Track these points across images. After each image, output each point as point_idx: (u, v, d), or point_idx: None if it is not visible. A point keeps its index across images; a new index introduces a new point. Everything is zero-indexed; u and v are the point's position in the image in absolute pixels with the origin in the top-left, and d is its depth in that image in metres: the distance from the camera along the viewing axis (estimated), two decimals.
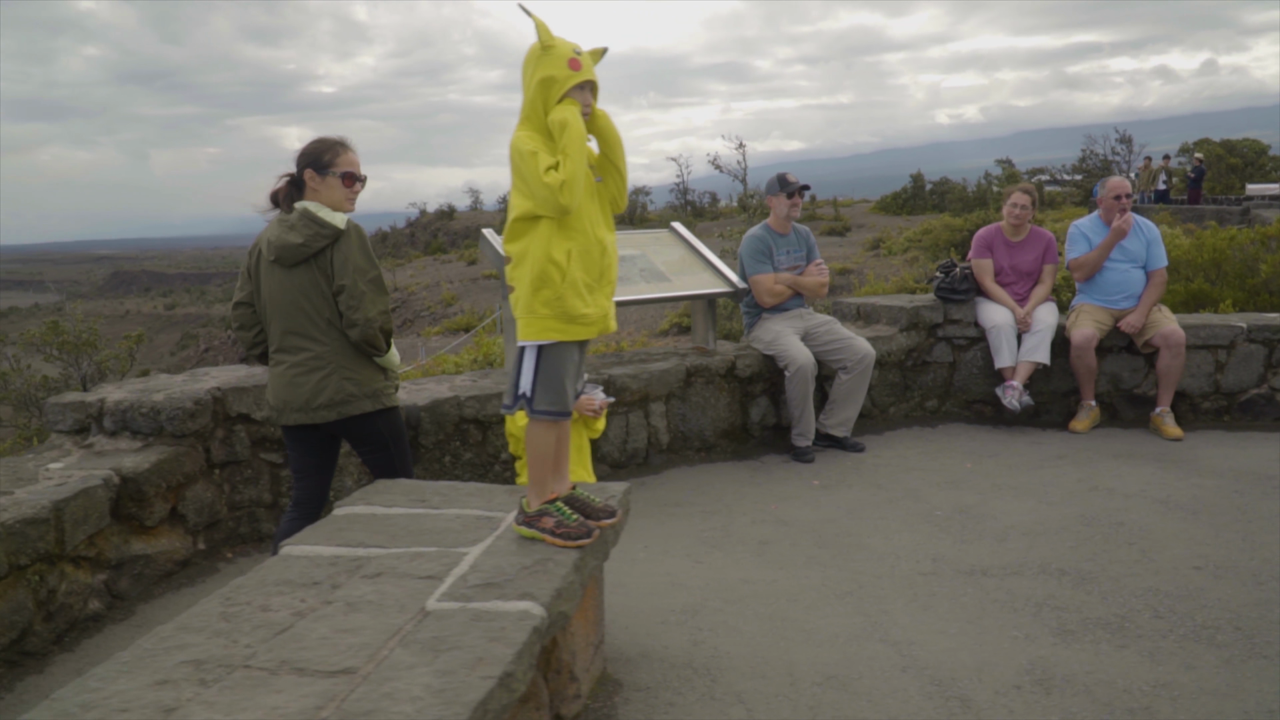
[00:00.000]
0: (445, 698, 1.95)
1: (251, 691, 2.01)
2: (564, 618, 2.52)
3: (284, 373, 3.52)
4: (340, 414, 3.48)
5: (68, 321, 23.13)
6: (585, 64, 2.65)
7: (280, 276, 3.49)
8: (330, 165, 3.52)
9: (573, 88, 2.63)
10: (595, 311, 2.73)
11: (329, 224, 3.42)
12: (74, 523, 3.49)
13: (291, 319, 3.49)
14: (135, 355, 22.59)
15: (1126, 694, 3.01)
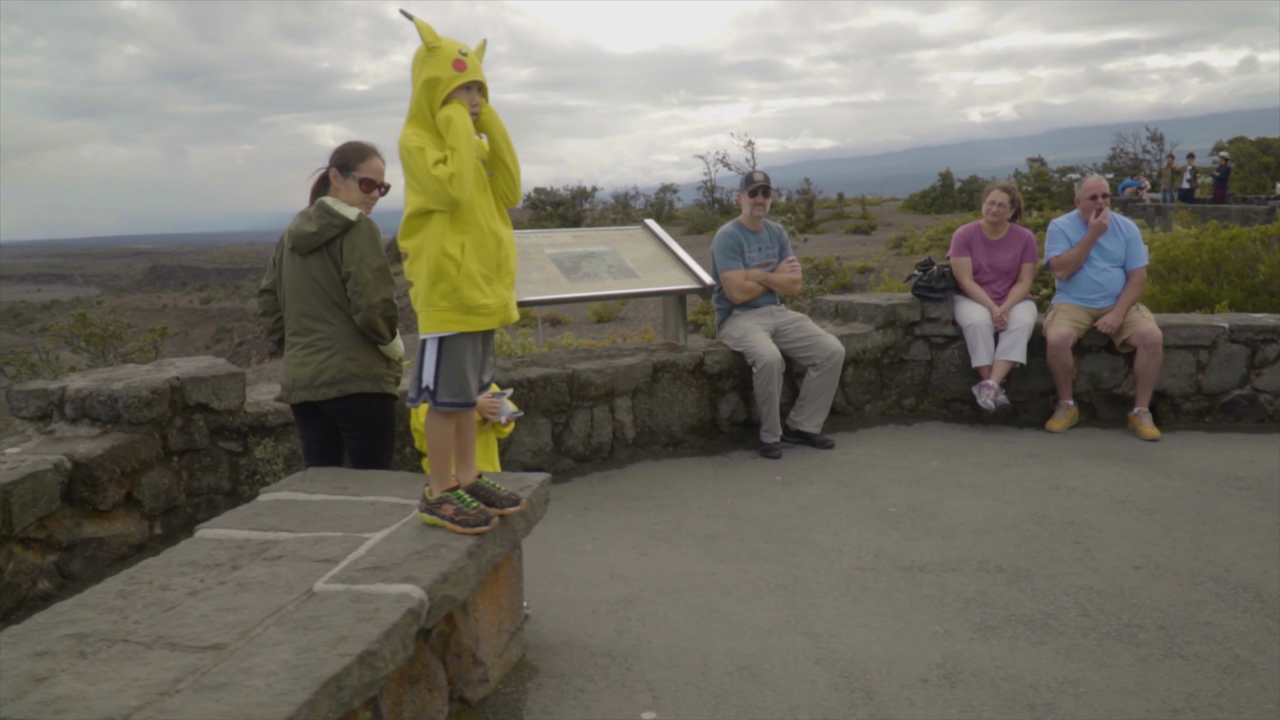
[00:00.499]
0: (298, 673, 2.02)
1: (122, 664, 2.09)
2: (451, 601, 2.57)
3: (295, 354, 3.68)
4: (340, 391, 3.59)
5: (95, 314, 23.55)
6: (471, 64, 2.70)
7: (298, 264, 3.67)
8: (353, 169, 3.71)
9: (459, 88, 2.68)
10: (494, 302, 2.78)
11: (340, 215, 3.60)
12: (22, 505, 3.60)
13: (305, 303, 3.66)
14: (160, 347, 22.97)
15: (1032, 690, 3.02)
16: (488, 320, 2.78)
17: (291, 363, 3.66)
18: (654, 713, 2.95)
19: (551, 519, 4.74)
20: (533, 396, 5.32)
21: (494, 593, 3.06)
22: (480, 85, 2.75)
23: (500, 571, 3.10)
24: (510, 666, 3.18)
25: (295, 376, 3.63)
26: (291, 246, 3.69)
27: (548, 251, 5.69)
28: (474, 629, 2.88)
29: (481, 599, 2.96)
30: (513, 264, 2.87)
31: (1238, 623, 3.43)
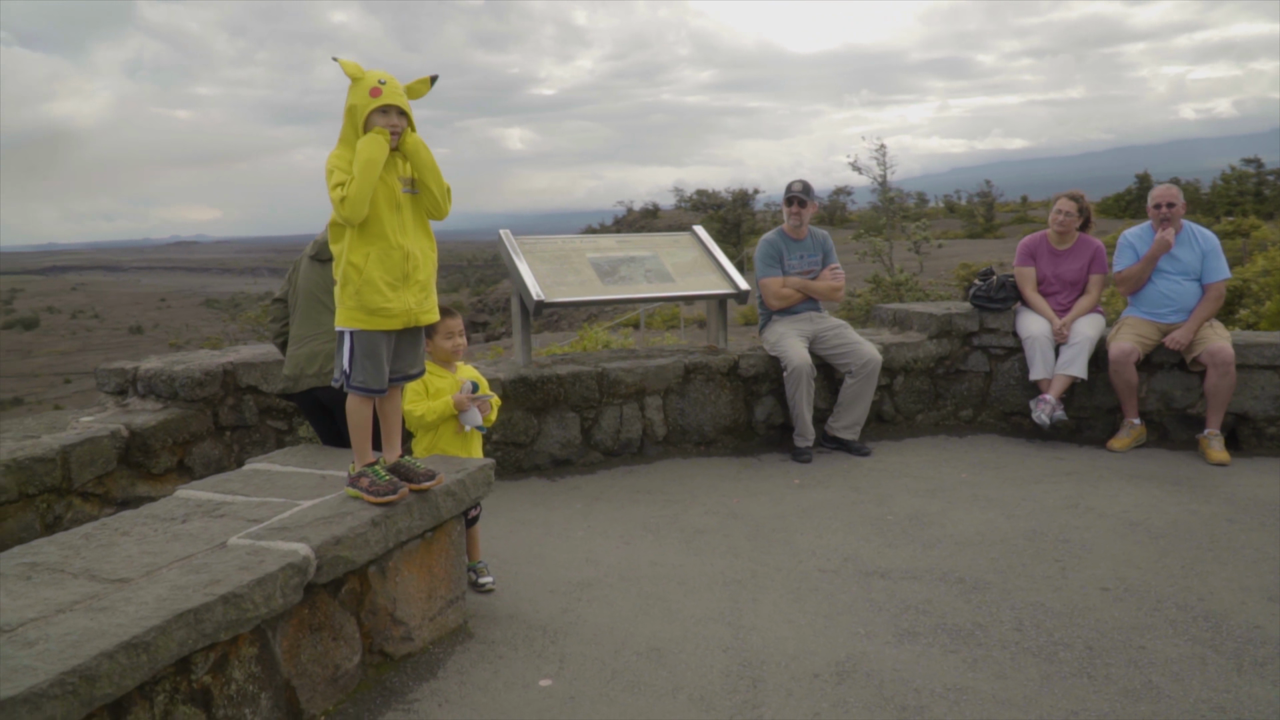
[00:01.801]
0: (163, 605, 2.42)
1: (45, 587, 2.56)
2: (346, 562, 2.93)
3: (303, 348, 4.14)
4: (320, 382, 4.01)
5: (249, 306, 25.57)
6: (388, 92, 3.04)
7: (316, 270, 4.13)
8: None
9: (375, 111, 3.03)
10: (397, 306, 3.12)
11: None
12: (80, 464, 4.23)
13: (310, 305, 4.11)
14: None
15: (914, 693, 3.09)
16: (389, 322, 3.12)
17: (299, 356, 4.09)
18: (551, 681, 3.22)
19: (559, 507, 5.08)
20: (562, 392, 5.65)
21: (425, 562, 3.41)
22: (401, 110, 3.09)
23: (433, 544, 3.44)
24: (445, 631, 3.52)
25: (303, 367, 4.06)
26: (313, 255, 4.14)
27: (589, 256, 6.01)
28: (392, 591, 3.23)
29: (406, 565, 3.31)
30: (422, 274, 3.19)
31: (1173, 650, 3.36)
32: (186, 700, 2.52)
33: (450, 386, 3.92)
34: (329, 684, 3.00)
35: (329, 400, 3.95)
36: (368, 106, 3.01)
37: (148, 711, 2.40)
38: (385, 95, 3.03)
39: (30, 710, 2.03)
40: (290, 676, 2.86)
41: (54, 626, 2.31)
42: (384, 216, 3.07)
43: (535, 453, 5.65)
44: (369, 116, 3.03)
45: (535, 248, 5.96)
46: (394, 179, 3.10)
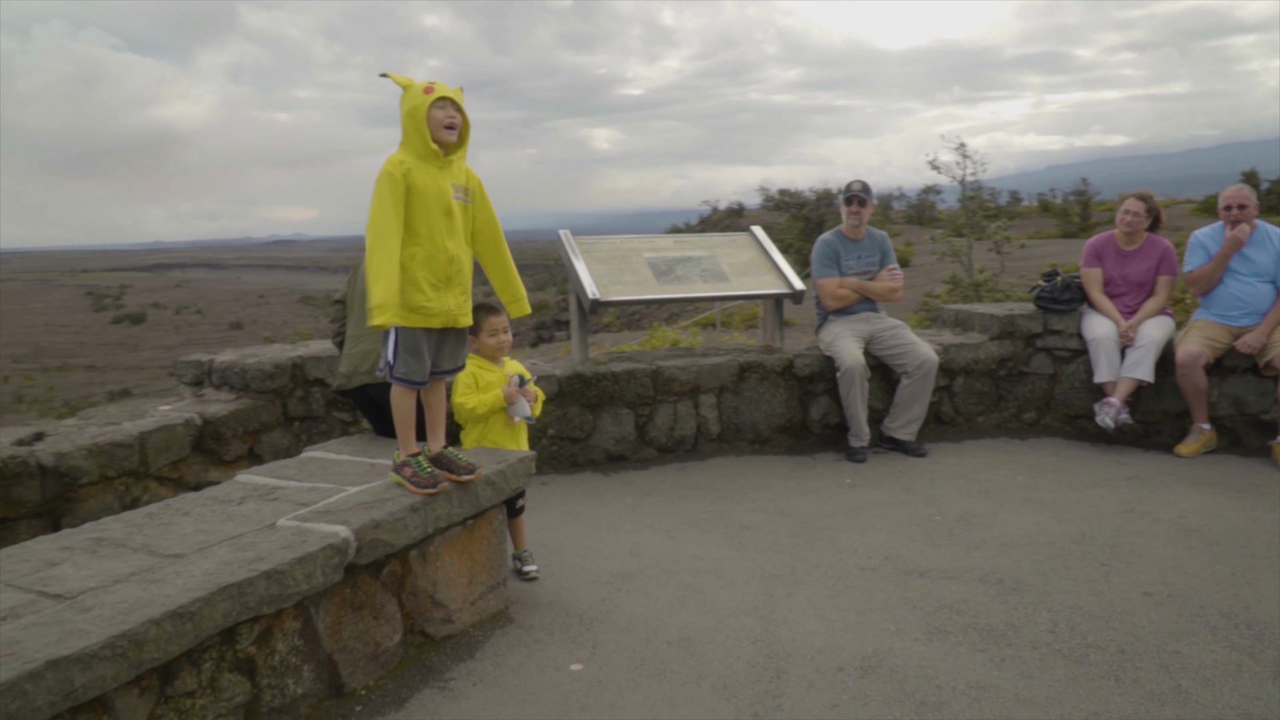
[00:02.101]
0: (209, 578, 2.61)
1: (107, 560, 2.78)
2: (385, 545, 3.09)
3: (350, 349, 4.34)
4: (371, 379, 4.21)
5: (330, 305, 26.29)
6: (438, 87, 3.21)
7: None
8: None
9: (433, 106, 3.19)
10: (438, 307, 3.27)
11: None
12: (156, 450, 4.51)
13: (362, 310, 4.30)
14: None
15: (935, 689, 3.12)
16: (428, 320, 3.28)
17: (354, 355, 4.26)
18: (582, 665, 3.34)
19: (610, 501, 5.21)
20: (617, 389, 5.77)
21: (466, 548, 3.56)
22: (454, 103, 3.24)
23: (475, 531, 3.59)
24: (486, 614, 3.67)
25: (356, 365, 4.23)
26: None
27: (645, 255, 6.12)
28: (432, 575, 3.40)
29: (447, 551, 3.47)
30: (464, 278, 3.35)
31: (1208, 656, 3.32)
32: (232, 668, 2.71)
33: (498, 380, 4.07)
34: (370, 660, 3.17)
35: (380, 397, 4.13)
36: (426, 103, 3.18)
37: (195, 677, 2.60)
38: (438, 90, 3.19)
39: (82, 670, 2.23)
40: (332, 651, 3.03)
41: (110, 595, 2.52)
42: (435, 221, 3.22)
43: (590, 448, 5.79)
44: (429, 112, 3.19)
45: (594, 248, 6.10)
46: (446, 184, 3.26)
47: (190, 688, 2.59)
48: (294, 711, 2.90)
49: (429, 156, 3.24)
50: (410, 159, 3.23)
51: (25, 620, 2.37)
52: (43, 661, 2.17)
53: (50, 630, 2.31)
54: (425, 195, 3.20)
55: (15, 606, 2.46)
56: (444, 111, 3.22)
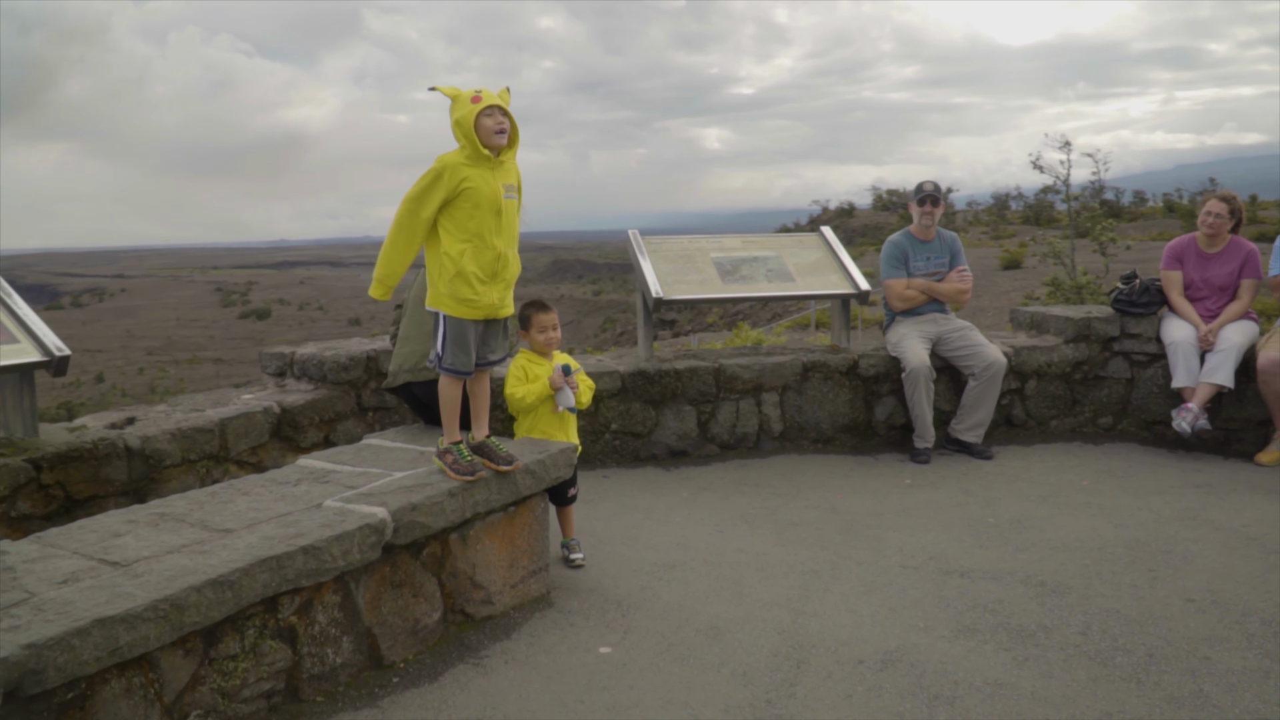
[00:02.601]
0: (251, 551, 2.84)
1: (164, 533, 3.04)
2: (421, 526, 3.28)
3: (400, 348, 4.56)
4: (415, 378, 4.43)
5: None
6: (485, 95, 3.38)
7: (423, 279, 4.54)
8: None
9: (481, 114, 3.36)
10: (483, 300, 3.45)
11: None
12: (235, 435, 4.83)
13: (417, 309, 4.53)
14: None
15: (952, 684, 3.15)
16: (473, 311, 3.45)
17: (401, 354, 4.39)
18: (610, 649, 3.47)
19: (666, 494, 5.33)
20: (679, 385, 5.89)
21: (507, 534, 3.74)
22: (502, 109, 3.41)
23: (516, 518, 3.77)
24: (527, 598, 3.84)
25: (402, 363, 4.36)
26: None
27: (712, 255, 6.21)
28: (472, 558, 3.58)
29: (488, 535, 3.65)
30: (509, 273, 3.52)
31: (1238, 662, 3.25)
32: (274, 636, 2.93)
33: (546, 373, 4.22)
34: (409, 635, 3.37)
35: (424, 394, 4.32)
36: (474, 112, 3.36)
37: (237, 642, 2.83)
38: (485, 99, 3.37)
39: (127, 629, 2.47)
40: (372, 625, 3.24)
41: (160, 564, 2.77)
42: (486, 218, 3.40)
43: (652, 443, 5.91)
44: (478, 120, 3.37)
45: (661, 247, 6.22)
46: (499, 185, 3.43)
47: (233, 651, 2.82)
48: (333, 679, 3.11)
49: (481, 160, 3.41)
50: (465, 162, 3.40)
51: (82, 584, 2.64)
52: (90, 620, 2.41)
53: (101, 593, 2.57)
54: (479, 196, 3.38)
55: (76, 571, 2.73)
56: (492, 119, 3.38)
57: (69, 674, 2.38)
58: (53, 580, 2.68)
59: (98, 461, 4.29)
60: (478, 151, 3.42)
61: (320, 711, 3.02)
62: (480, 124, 3.39)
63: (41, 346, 4.20)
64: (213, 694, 2.78)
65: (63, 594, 2.57)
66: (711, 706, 3.05)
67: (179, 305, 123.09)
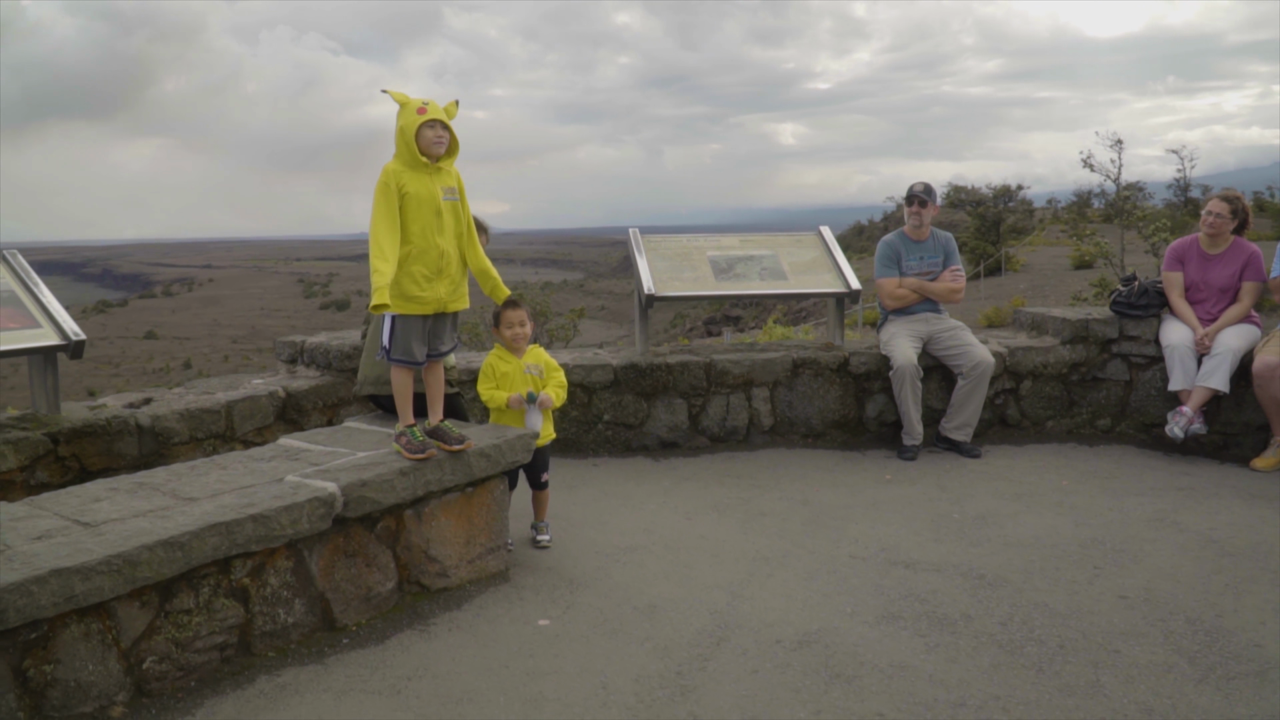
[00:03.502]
0: (204, 516, 3.15)
1: (136, 499, 3.37)
2: (371, 501, 3.56)
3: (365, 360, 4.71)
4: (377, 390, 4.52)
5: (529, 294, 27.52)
6: (430, 108, 3.65)
7: None
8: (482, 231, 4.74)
9: (424, 125, 3.64)
10: (430, 296, 3.72)
11: None
12: (241, 417, 5.20)
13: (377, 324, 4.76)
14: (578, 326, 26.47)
15: (856, 665, 3.32)
16: (422, 307, 3.73)
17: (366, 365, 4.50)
18: (548, 622, 3.72)
19: (648, 483, 5.55)
20: (671, 379, 6.10)
21: (465, 512, 4.01)
22: (443, 124, 3.68)
23: (473, 498, 4.03)
24: (484, 574, 4.10)
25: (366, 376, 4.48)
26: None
27: (709, 254, 6.40)
28: (427, 533, 3.86)
29: (444, 513, 3.92)
30: (453, 270, 3.78)
31: (1147, 657, 3.36)
32: (227, 594, 3.25)
33: (514, 371, 4.45)
34: (362, 601, 3.66)
35: (389, 405, 4.48)
36: (416, 123, 3.63)
37: (192, 598, 3.15)
38: (430, 112, 3.64)
39: (82, 579, 2.80)
40: (325, 590, 3.54)
41: (124, 525, 3.10)
42: (426, 221, 3.68)
43: (644, 434, 6.14)
44: (420, 130, 3.65)
45: (659, 246, 6.44)
46: (437, 187, 3.71)
47: (187, 606, 3.14)
48: (285, 637, 3.42)
49: (419, 166, 3.69)
50: (403, 168, 3.68)
51: (53, 540, 2.98)
52: (48, 570, 2.75)
53: (65, 548, 2.90)
54: (418, 199, 3.66)
55: (50, 529, 3.07)
56: (434, 130, 3.66)
57: (28, 615, 2.71)
58: (29, 536, 3.03)
59: (110, 437, 4.68)
60: (415, 158, 3.69)
61: (270, 666, 3.33)
62: (421, 134, 3.66)
63: (60, 331, 4.60)
64: (167, 643, 3.10)
65: (33, 548, 2.92)
66: (624, 676, 3.28)
67: (263, 295, 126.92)
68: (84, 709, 2.90)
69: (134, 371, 71.15)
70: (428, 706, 3.09)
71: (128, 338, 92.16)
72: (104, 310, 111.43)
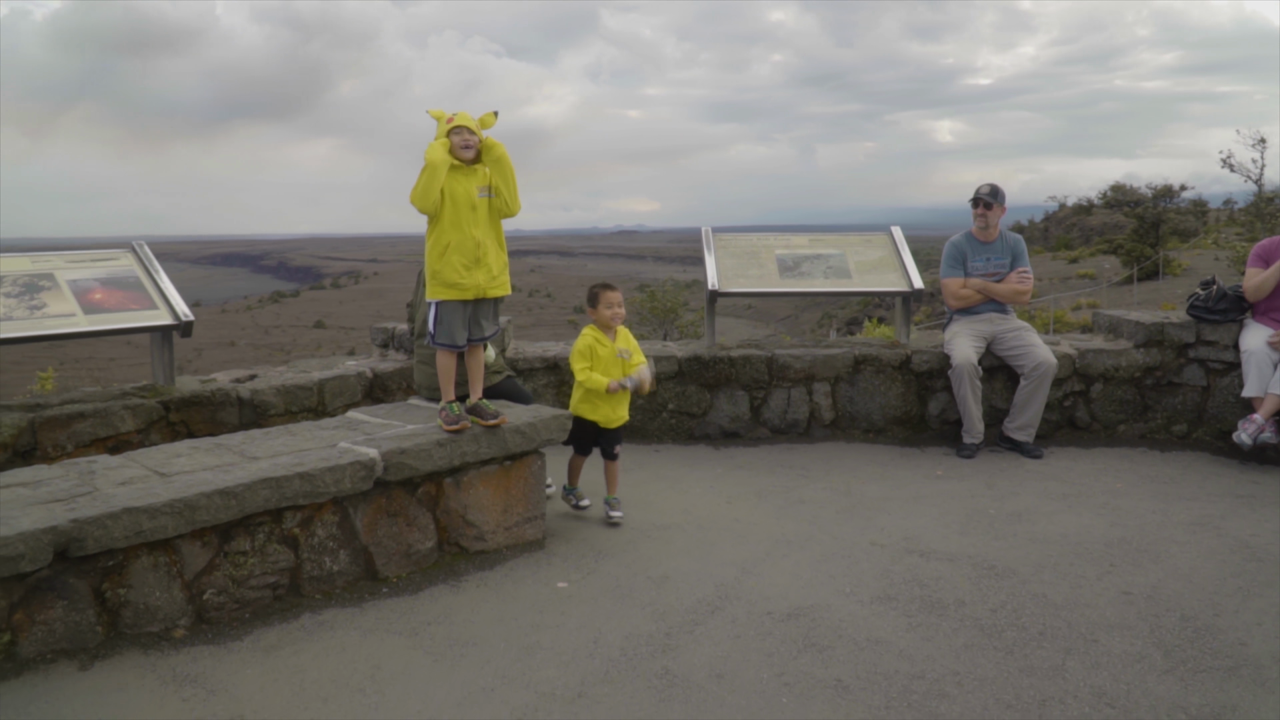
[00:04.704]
0: (261, 471, 3.66)
1: (210, 457, 3.92)
2: (409, 468, 4.01)
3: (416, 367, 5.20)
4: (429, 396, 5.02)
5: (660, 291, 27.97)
6: (459, 118, 4.07)
7: None
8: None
9: (451, 132, 4.07)
10: (469, 283, 4.14)
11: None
12: (331, 394, 5.78)
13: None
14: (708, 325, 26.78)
15: (835, 637, 3.53)
16: (463, 294, 4.15)
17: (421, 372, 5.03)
18: (566, 584, 4.08)
19: (702, 469, 5.85)
20: (733, 372, 6.36)
21: (503, 484, 4.41)
22: (469, 129, 4.09)
23: (511, 471, 4.44)
24: (521, 540, 4.50)
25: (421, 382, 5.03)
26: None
27: (777, 252, 6.62)
28: (465, 500, 4.28)
29: (482, 483, 4.34)
30: (491, 259, 4.18)
31: (1122, 647, 3.45)
32: (279, 541, 3.75)
33: (609, 354, 4.72)
34: (403, 557, 4.12)
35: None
36: (445, 130, 4.07)
37: (248, 542, 3.66)
38: (458, 120, 4.07)
39: (149, 518, 3.34)
40: (368, 544, 4.01)
41: (192, 476, 3.64)
42: (462, 214, 4.11)
43: (706, 423, 6.42)
44: (450, 137, 4.08)
45: (730, 244, 6.71)
46: (473, 186, 4.13)
47: (244, 549, 3.66)
48: (331, 583, 3.91)
49: (455, 168, 4.12)
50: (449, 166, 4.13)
51: (133, 485, 3.54)
52: (121, 508, 3.29)
53: (140, 492, 3.46)
54: (454, 196, 4.09)
55: (133, 477, 3.64)
56: (459, 137, 4.08)
57: (104, 545, 3.27)
58: (115, 482, 3.60)
59: (215, 407, 5.32)
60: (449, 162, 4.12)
61: (315, 606, 3.81)
62: (452, 139, 4.09)
63: (174, 312, 5.27)
64: (225, 579, 3.62)
65: (115, 491, 3.48)
66: (617, 634, 3.60)
67: None
68: (151, 628, 3.45)
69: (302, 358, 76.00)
70: (437, 646, 3.50)
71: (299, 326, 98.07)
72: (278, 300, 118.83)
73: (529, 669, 3.33)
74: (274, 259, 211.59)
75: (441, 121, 4.14)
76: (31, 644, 3.23)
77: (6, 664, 3.19)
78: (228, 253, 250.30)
